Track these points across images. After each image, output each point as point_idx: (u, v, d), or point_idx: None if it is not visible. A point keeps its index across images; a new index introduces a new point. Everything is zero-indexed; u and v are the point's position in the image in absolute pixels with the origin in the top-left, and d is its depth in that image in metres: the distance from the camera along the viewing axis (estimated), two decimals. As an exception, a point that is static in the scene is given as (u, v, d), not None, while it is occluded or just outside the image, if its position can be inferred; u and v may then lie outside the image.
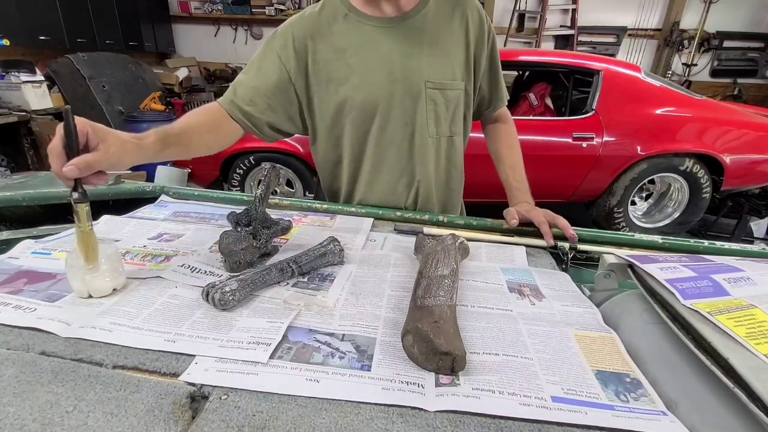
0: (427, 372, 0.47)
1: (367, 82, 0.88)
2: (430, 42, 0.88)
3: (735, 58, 5.53)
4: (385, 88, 0.88)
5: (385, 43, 0.87)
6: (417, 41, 0.88)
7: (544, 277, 0.72)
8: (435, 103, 0.91)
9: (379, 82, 0.88)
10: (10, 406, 0.39)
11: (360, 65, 0.87)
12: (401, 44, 0.87)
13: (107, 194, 0.96)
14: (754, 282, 0.54)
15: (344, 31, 0.88)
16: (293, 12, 5.52)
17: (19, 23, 3.60)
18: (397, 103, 0.90)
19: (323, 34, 0.88)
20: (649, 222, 3.23)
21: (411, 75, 0.88)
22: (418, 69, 0.88)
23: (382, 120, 0.91)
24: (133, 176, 2.85)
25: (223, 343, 0.49)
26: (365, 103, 0.89)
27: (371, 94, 0.89)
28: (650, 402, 0.44)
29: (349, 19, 0.87)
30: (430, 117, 0.92)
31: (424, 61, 0.88)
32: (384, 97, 0.89)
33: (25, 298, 0.56)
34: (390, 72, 0.88)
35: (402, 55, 0.88)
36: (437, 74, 0.90)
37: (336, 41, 0.88)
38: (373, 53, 0.87)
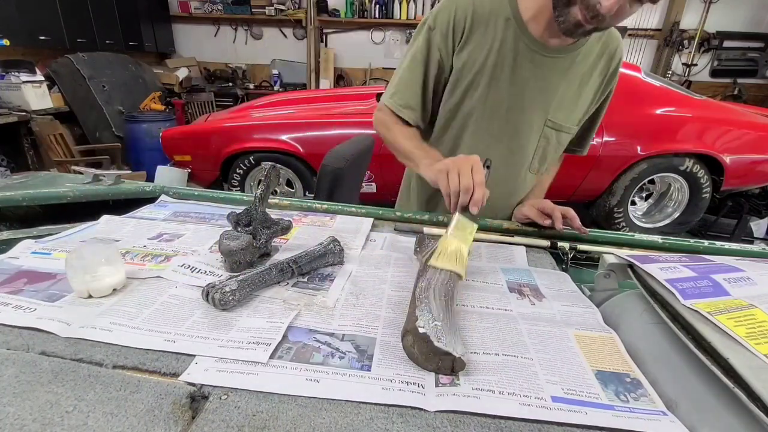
0: (427, 372, 0.47)
1: (494, 99, 0.85)
2: (569, 83, 0.85)
3: (735, 58, 5.53)
4: (506, 109, 0.86)
5: (529, 66, 0.83)
6: (558, 78, 0.84)
7: (544, 277, 0.72)
8: (547, 141, 0.90)
9: (504, 103, 0.86)
10: (10, 406, 0.39)
11: (496, 79, 0.84)
12: (543, 75, 0.84)
13: (107, 194, 0.96)
14: (754, 282, 0.54)
15: (498, 35, 0.82)
16: (293, 12, 5.52)
17: (19, 23, 3.60)
18: (512, 129, 0.88)
19: (479, 27, 0.82)
20: (649, 222, 3.23)
21: (537, 108, 0.86)
22: (546, 105, 0.86)
23: (491, 139, 0.89)
24: (133, 176, 2.86)
25: (223, 343, 0.49)
26: (481, 118, 0.87)
27: (491, 111, 0.86)
28: (650, 402, 0.44)
29: (509, 26, 0.81)
30: (537, 153, 0.92)
31: (555, 99, 0.86)
32: (501, 118, 0.87)
33: (25, 298, 0.56)
34: (518, 96, 0.85)
35: (538, 85, 0.84)
36: (561, 116, 0.88)
37: (485, 41, 0.83)
38: (515, 71, 0.84)
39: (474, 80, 0.85)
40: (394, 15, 5.44)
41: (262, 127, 3.00)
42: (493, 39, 0.82)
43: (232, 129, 3.03)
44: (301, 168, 3.02)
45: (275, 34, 5.85)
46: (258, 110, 3.39)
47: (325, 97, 3.65)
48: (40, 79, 3.62)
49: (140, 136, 3.89)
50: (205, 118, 3.42)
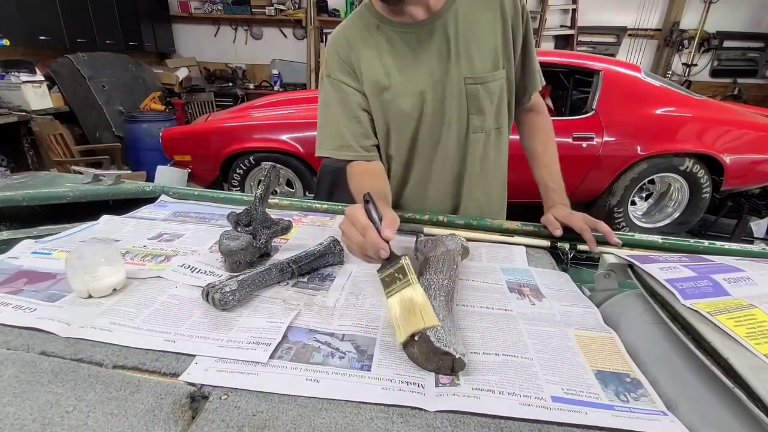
0: (427, 372, 0.47)
1: (408, 88, 0.88)
2: (465, 37, 0.86)
3: (735, 58, 5.53)
4: (426, 91, 0.88)
5: (419, 46, 0.86)
6: (452, 39, 0.86)
7: (544, 277, 0.72)
8: (477, 98, 0.90)
9: (419, 87, 0.88)
10: (10, 406, 0.39)
11: (399, 72, 0.87)
12: (436, 44, 0.86)
13: (107, 194, 0.96)
14: (754, 282, 0.54)
15: (379, 41, 0.87)
16: (293, 12, 5.53)
17: (19, 23, 3.60)
18: (439, 105, 0.90)
19: (361, 46, 0.88)
20: (649, 222, 3.23)
21: (449, 75, 0.87)
22: (456, 67, 0.87)
23: (426, 124, 0.91)
24: (133, 176, 2.86)
25: (223, 343, 0.49)
26: (407, 110, 0.89)
27: (411, 100, 0.88)
28: (650, 402, 0.44)
29: (382, 30, 0.87)
30: (472, 113, 0.91)
31: (462, 57, 0.87)
32: (426, 101, 0.89)
33: (25, 298, 0.56)
34: (428, 74, 0.87)
35: (438, 55, 0.87)
36: (476, 69, 0.88)
37: (373, 52, 0.88)
38: (409, 59, 0.87)
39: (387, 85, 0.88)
40: (394, 15, 5.43)
41: (262, 127, 3.00)
42: (377, 47, 0.87)
43: (232, 129, 3.03)
44: (301, 168, 3.02)
45: (275, 34, 5.85)
46: (258, 110, 3.39)
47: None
48: (40, 79, 3.62)
49: (140, 136, 3.89)
50: (205, 118, 3.42)
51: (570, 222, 0.85)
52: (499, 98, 0.93)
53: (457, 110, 0.91)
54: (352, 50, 0.88)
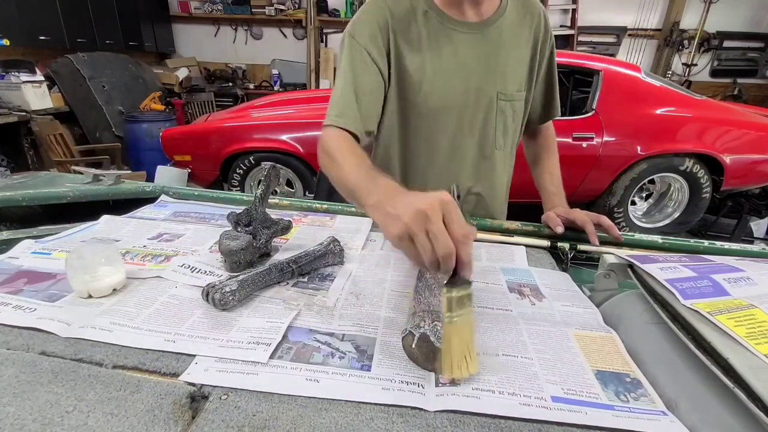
0: (427, 372, 0.47)
1: (441, 89, 0.84)
2: (506, 51, 0.85)
3: (735, 58, 5.53)
4: (458, 97, 0.86)
5: (462, 49, 0.83)
6: (494, 50, 0.84)
7: (544, 277, 0.72)
8: (505, 115, 0.89)
9: (453, 91, 0.85)
10: (10, 406, 0.39)
11: (435, 71, 0.83)
12: (479, 52, 0.84)
13: (107, 194, 0.96)
14: (754, 282, 0.54)
15: (422, 30, 0.82)
16: (293, 12, 5.52)
17: (19, 23, 3.60)
18: (469, 114, 0.87)
19: (402, 28, 0.82)
20: (649, 222, 3.23)
21: (485, 86, 0.85)
22: (493, 80, 0.85)
23: (451, 130, 0.88)
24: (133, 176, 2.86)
25: (223, 343, 0.49)
26: (435, 111, 0.86)
27: (443, 102, 0.85)
28: (650, 402, 0.44)
29: (429, 17, 0.82)
30: (499, 129, 0.90)
31: (499, 72, 0.86)
32: (456, 107, 0.86)
33: (25, 298, 0.56)
34: (465, 81, 0.85)
35: (479, 64, 0.84)
36: (509, 86, 0.87)
37: (413, 39, 0.82)
38: (450, 59, 0.83)
39: (420, 80, 0.84)
40: (394, 15, 5.43)
41: (262, 127, 3.00)
42: (419, 36, 0.82)
43: (232, 129, 3.03)
44: (301, 168, 3.02)
45: (275, 34, 5.85)
46: (258, 110, 3.39)
47: (325, 97, 3.65)
48: (40, 79, 3.62)
49: (140, 136, 3.89)
50: (205, 118, 3.42)
51: (572, 216, 0.84)
52: (522, 118, 0.94)
53: (484, 124, 0.89)
54: (394, 27, 0.81)
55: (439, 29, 0.82)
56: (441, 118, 0.87)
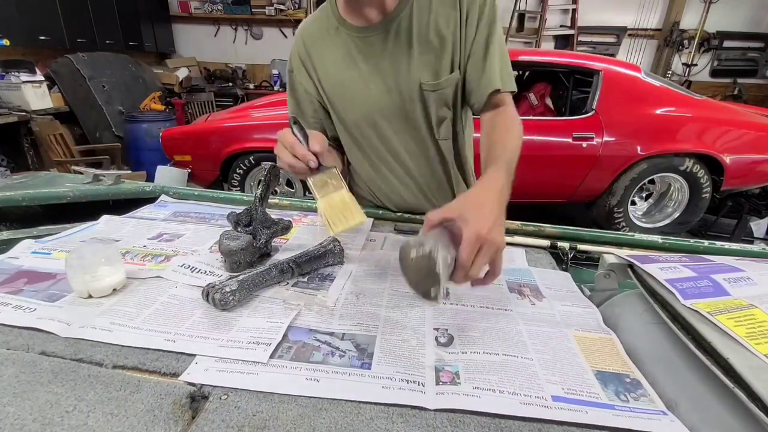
0: (428, 370, 0.47)
1: (361, 97, 0.85)
2: (419, 39, 0.81)
3: (735, 58, 5.53)
4: (380, 101, 0.85)
5: (373, 53, 0.83)
6: (405, 42, 0.81)
7: (544, 276, 0.72)
8: (435, 105, 0.85)
9: (373, 96, 0.85)
10: (10, 406, 0.39)
11: (353, 81, 0.84)
12: (390, 50, 0.82)
13: (107, 194, 0.96)
14: (754, 282, 0.54)
15: (335, 45, 0.85)
16: (293, 12, 5.52)
17: (19, 23, 3.60)
18: (396, 113, 0.86)
19: (318, 52, 0.87)
20: (649, 222, 3.23)
21: (403, 81, 0.83)
22: (409, 73, 0.82)
23: (384, 133, 0.88)
24: (133, 176, 2.86)
25: (223, 342, 0.49)
26: (363, 119, 0.87)
27: (367, 109, 0.86)
28: (650, 402, 0.44)
29: (340, 33, 0.84)
30: (434, 120, 0.87)
31: (414, 63, 0.82)
32: (381, 110, 0.86)
33: (25, 298, 0.56)
34: (382, 83, 0.84)
35: (392, 62, 0.83)
36: (430, 74, 0.82)
37: (329, 58, 0.86)
38: (363, 67, 0.84)
39: (341, 95, 0.87)
40: (394, 15, 5.43)
41: (262, 127, 3.00)
42: (334, 54, 0.85)
43: (232, 129, 3.03)
44: (301, 168, 3.02)
45: (275, 34, 5.85)
46: (258, 110, 3.39)
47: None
48: (40, 79, 3.62)
49: (140, 136, 3.89)
50: (205, 118, 3.42)
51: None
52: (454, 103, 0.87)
53: (415, 120, 0.87)
54: (309, 54, 0.87)
55: (349, 41, 0.84)
56: (371, 124, 0.88)
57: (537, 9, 5.47)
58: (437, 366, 0.48)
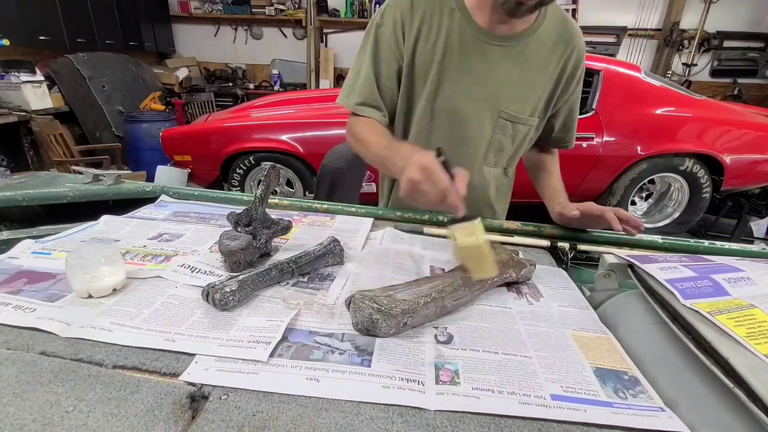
0: (428, 369, 0.47)
1: (446, 89, 0.84)
2: (522, 72, 0.83)
3: (735, 58, 5.53)
4: (458, 103, 0.85)
5: (480, 57, 0.82)
6: (509, 67, 0.82)
7: (542, 275, 0.72)
8: (503, 134, 0.88)
9: (457, 94, 0.84)
10: (10, 406, 0.39)
11: (446, 70, 0.83)
12: (493, 64, 0.82)
13: (107, 194, 0.96)
14: (754, 282, 0.54)
15: (446, 28, 0.81)
16: (293, 12, 5.52)
17: (19, 23, 3.59)
18: (460, 120, 0.87)
19: (422, 19, 0.82)
20: (649, 222, 3.23)
21: (490, 99, 0.84)
22: (497, 96, 0.84)
23: (443, 131, 0.88)
24: (133, 176, 2.86)
25: (222, 342, 0.49)
26: (433, 110, 0.86)
27: (442, 103, 0.85)
28: (648, 398, 0.45)
29: (454, 17, 0.80)
30: (493, 146, 0.89)
31: (508, 89, 0.84)
32: (452, 110, 0.86)
33: (25, 298, 0.56)
34: (470, 89, 0.84)
35: (491, 76, 0.83)
36: (514, 107, 0.85)
37: (432, 33, 0.82)
38: (463, 62, 0.82)
39: (424, 73, 0.84)
40: (394, 15, 5.43)
41: (262, 127, 3.00)
42: (438, 31, 0.81)
43: (232, 129, 3.03)
44: (301, 168, 3.02)
45: (275, 34, 5.85)
46: (258, 110, 3.40)
47: (325, 97, 3.65)
48: (40, 79, 3.62)
49: (140, 136, 3.89)
50: (205, 118, 3.42)
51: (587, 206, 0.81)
52: (521, 142, 0.92)
53: (480, 136, 0.88)
54: (414, 18, 0.82)
55: (460, 31, 0.81)
56: (437, 117, 0.87)
57: (537, 9, 5.46)
58: (437, 363, 0.48)
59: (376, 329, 0.51)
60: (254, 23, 5.80)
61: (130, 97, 4.45)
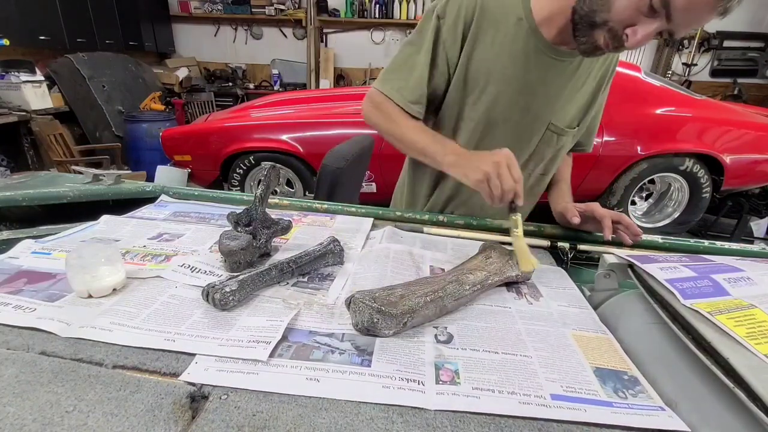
0: (428, 369, 0.47)
1: (499, 97, 0.83)
2: (574, 87, 0.85)
3: (735, 58, 5.53)
4: (512, 114, 0.85)
5: (539, 69, 0.81)
6: (564, 82, 0.84)
7: (542, 275, 0.72)
8: (547, 145, 0.90)
9: (510, 105, 0.84)
10: (10, 406, 0.39)
11: (507, 80, 0.82)
12: (552, 78, 0.83)
13: (107, 194, 0.96)
14: (754, 282, 0.54)
15: (509, 35, 0.79)
16: (293, 12, 5.52)
17: (19, 23, 3.59)
18: (511, 130, 0.86)
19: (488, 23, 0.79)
20: (649, 222, 3.23)
21: (541, 113, 0.85)
22: (550, 110, 0.85)
23: (490, 137, 0.87)
24: (133, 176, 2.86)
25: (222, 342, 0.49)
26: (485, 116, 0.85)
27: (496, 112, 0.84)
28: (648, 398, 0.45)
29: (521, 26, 0.78)
30: (536, 154, 0.91)
31: (559, 104, 0.85)
32: (506, 121, 0.85)
33: (25, 298, 0.56)
34: (525, 100, 0.83)
35: (544, 89, 0.83)
36: (563, 120, 0.87)
37: (497, 39, 0.80)
38: (525, 73, 0.81)
39: (484, 80, 0.82)
40: (394, 15, 5.44)
41: (262, 127, 3.00)
42: (504, 38, 0.79)
43: (232, 129, 3.03)
44: (301, 168, 3.02)
45: (275, 34, 5.85)
46: (258, 110, 3.40)
47: (325, 97, 3.65)
48: (40, 79, 3.62)
49: (140, 136, 3.89)
50: (205, 118, 3.42)
51: (591, 208, 0.81)
52: (561, 150, 0.93)
53: (525, 146, 0.89)
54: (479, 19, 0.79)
55: (526, 43, 0.79)
56: (493, 127, 0.86)
57: (537, 9, 5.46)
58: (437, 363, 0.48)
59: (377, 329, 0.51)
60: (254, 23, 5.80)
61: (130, 97, 4.45)
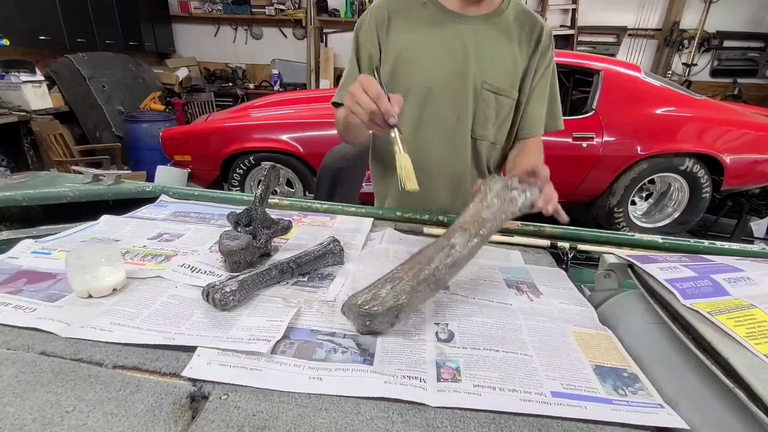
0: (430, 367, 0.47)
1: (428, 68, 0.91)
2: (498, 46, 0.91)
3: (735, 58, 5.53)
4: (443, 78, 0.91)
5: (455, 36, 0.90)
6: (484, 43, 0.90)
7: (542, 275, 0.72)
8: (486, 105, 0.93)
9: (440, 71, 0.91)
10: (10, 406, 0.39)
11: (426, 51, 0.90)
12: (470, 41, 0.90)
13: (107, 194, 0.96)
14: (754, 282, 0.54)
15: (419, 17, 0.91)
16: (293, 12, 5.52)
17: (19, 23, 3.59)
18: (451, 96, 0.92)
19: (400, 16, 0.92)
20: (649, 222, 3.23)
21: (471, 72, 0.90)
22: (479, 68, 0.90)
23: (433, 108, 0.93)
24: (133, 176, 2.86)
25: (223, 340, 0.49)
26: (420, 87, 0.92)
27: (428, 80, 0.91)
28: (647, 395, 0.45)
29: (427, 8, 0.91)
30: (479, 117, 0.94)
31: (486, 62, 0.91)
32: (440, 87, 0.91)
33: (25, 298, 0.56)
34: (451, 64, 0.90)
35: (468, 51, 0.90)
36: (496, 79, 0.92)
37: (410, 24, 0.91)
38: (440, 42, 0.90)
39: (406, 58, 0.92)
40: (394, 15, 5.43)
41: (262, 127, 3.00)
42: (416, 21, 0.91)
43: (232, 129, 3.03)
44: (301, 168, 3.02)
45: (275, 34, 5.85)
46: (258, 110, 3.39)
47: (325, 97, 3.65)
48: (40, 79, 3.62)
49: (140, 136, 3.89)
50: (205, 118, 3.42)
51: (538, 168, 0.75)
52: (506, 117, 0.96)
53: (467, 109, 0.93)
54: (390, 17, 0.92)
55: (434, 17, 0.91)
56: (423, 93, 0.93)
57: (537, 9, 5.47)
58: (438, 361, 0.48)
59: (374, 328, 0.52)
60: (254, 23, 5.79)
61: (130, 97, 4.44)
